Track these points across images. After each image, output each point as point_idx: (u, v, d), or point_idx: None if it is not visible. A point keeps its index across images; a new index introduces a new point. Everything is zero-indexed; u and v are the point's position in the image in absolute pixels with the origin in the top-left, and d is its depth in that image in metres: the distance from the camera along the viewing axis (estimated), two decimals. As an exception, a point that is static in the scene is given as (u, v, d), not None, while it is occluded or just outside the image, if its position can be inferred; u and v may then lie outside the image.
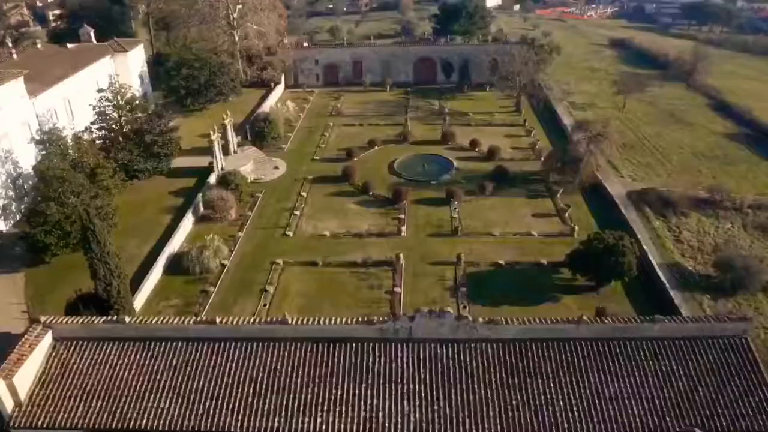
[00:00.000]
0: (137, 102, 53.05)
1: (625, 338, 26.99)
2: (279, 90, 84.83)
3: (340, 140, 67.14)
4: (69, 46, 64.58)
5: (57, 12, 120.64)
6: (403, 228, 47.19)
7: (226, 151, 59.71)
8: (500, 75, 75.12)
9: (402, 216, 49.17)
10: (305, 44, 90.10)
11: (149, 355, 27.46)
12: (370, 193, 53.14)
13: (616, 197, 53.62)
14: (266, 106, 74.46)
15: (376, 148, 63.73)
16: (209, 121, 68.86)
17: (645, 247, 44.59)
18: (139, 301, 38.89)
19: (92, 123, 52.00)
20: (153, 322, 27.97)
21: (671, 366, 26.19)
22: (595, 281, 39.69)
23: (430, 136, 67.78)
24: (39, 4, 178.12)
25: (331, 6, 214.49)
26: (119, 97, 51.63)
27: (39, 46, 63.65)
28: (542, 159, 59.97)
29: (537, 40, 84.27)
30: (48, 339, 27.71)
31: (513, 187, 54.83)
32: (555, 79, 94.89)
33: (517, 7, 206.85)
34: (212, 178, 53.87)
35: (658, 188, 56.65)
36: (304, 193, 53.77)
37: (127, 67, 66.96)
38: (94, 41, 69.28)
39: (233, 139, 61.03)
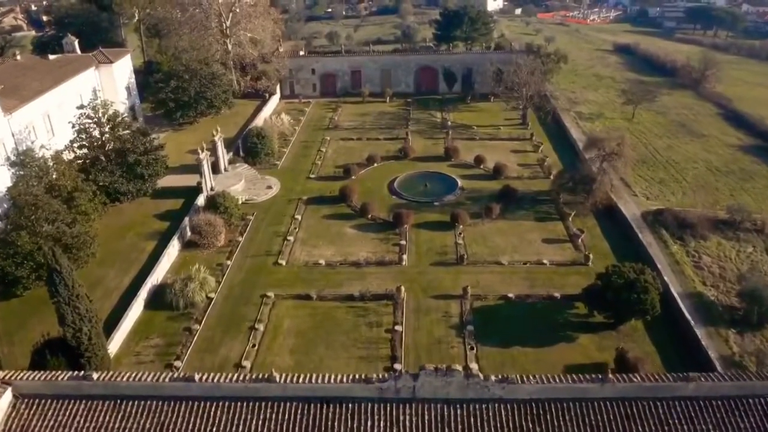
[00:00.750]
0: (120, 119, 50.28)
1: (655, 398, 24.39)
2: (274, 101, 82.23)
3: (338, 156, 64.49)
4: (51, 57, 61.86)
5: (45, 18, 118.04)
6: (404, 256, 44.49)
7: (216, 169, 57.12)
8: (506, 86, 72.51)
9: (403, 242, 46.49)
10: (301, 53, 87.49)
11: (119, 416, 24.78)
12: (369, 215, 50.44)
13: (631, 219, 51.05)
14: (260, 119, 71.84)
15: (375, 165, 61.08)
16: (200, 135, 66.46)
17: (666, 278, 41.88)
18: (117, 341, 36.15)
19: (72, 141, 49.21)
20: (124, 378, 25.24)
21: (708, 430, 23.51)
22: (613, 318, 36.91)
23: (433, 151, 65.15)
24: (34, 8, 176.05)
25: (329, 10, 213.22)
26: (101, 114, 48.86)
27: (18, 57, 60.95)
28: (552, 177, 57.38)
29: (543, 48, 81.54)
30: (8, 396, 25.08)
31: (521, 209, 52.15)
32: (560, 87, 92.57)
33: (518, 11, 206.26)
34: (200, 200, 51.18)
35: (674, 209, 54.09)
36: (298, 216, 51.06)
37: (113, 79, 64.30)
38: (78, 51, 66.57)
39: (224, 156, 58.38)
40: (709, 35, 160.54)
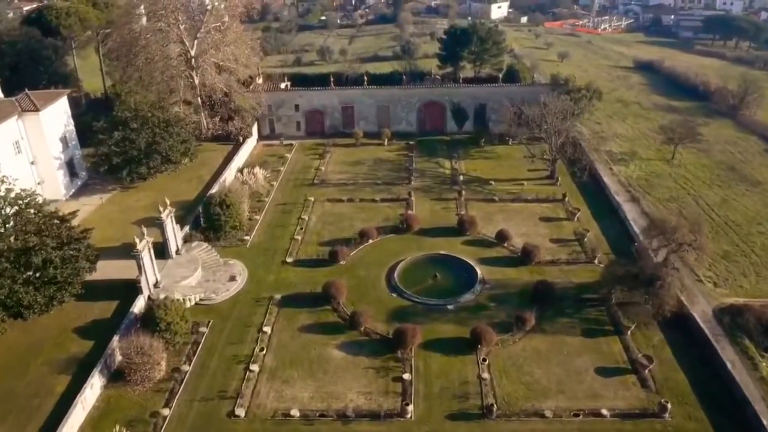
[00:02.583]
0: (28, 200, 39.00)
1: None
2: (250, 144, 71.14)
3: (323, 227, 53.35)
4: (-42, 106, 50.70)
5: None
6: (409, 407, 33.09)
7: (164, 252, 45.91)
8: (530, 130, 61.24)
9: (407, 375, 35.53)
10: (283, 85, 76.13)
11: None
12: (361, 328, 39.30)
13: (703, 323, 40.32)
14: (230, 173, 60.89)
15: (370, 241, 49.91)
16: (154, 196, 55.86)
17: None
18: None
19: (-39, 233, 37.84)
20: None
21: None
22: None
23: (442, 219, 54.09)
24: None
25: (323, 18, 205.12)
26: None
27: None
28: (597, 261, 46.50)
29: (572, 81, 70.57)
30: None
31: (562, 315, 41.15)
32: (584, 118, 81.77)
33: (524, 19, 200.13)
34: (139, 304, 40.08)
35: (754, 304, 43.33)
36: (267, 328, 39.99)
37: (41, 130, 53.05)
38: (1, 95, 55.30)
39: (175, 235, 47.27)
40: (730, 46, 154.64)
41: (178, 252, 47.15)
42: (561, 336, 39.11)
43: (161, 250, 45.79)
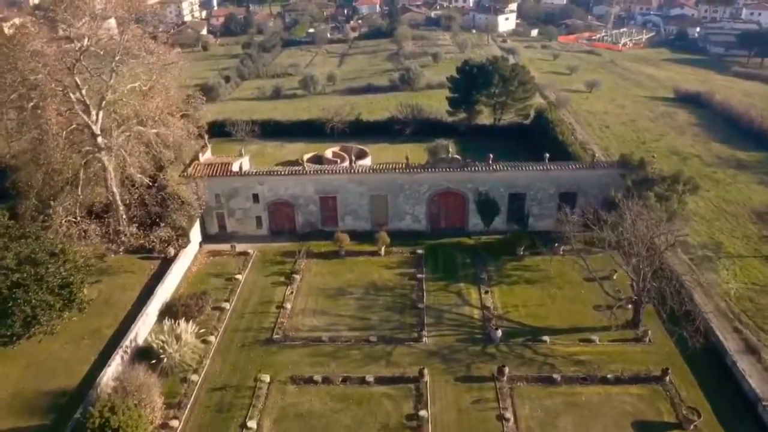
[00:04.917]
0: None
1: None
2: (188, 255, 51.61)
3: (280, 448, 33.87)
4: None
5: None
6: None
7: None
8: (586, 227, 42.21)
9: None
10: (238, 163, 56.08)
11: None
12: None
13: None
14: (145, 323, 41.46)
15: (357, 495, 30.58)
16: (16, 375, 38.34)
17: None
18: None
19: None
20: None
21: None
22: None
23: (476, 430, 34.50)
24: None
25: (312, 30, 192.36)
26: None
27: None
28: None
29: (652, 165, 51.18)
30: None
31: None
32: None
33: (534, 32, 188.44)
34: None
35: None
36: None
37: None
38: None
39: None
40: (767, 65, 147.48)
41: None
42: None
43: None
